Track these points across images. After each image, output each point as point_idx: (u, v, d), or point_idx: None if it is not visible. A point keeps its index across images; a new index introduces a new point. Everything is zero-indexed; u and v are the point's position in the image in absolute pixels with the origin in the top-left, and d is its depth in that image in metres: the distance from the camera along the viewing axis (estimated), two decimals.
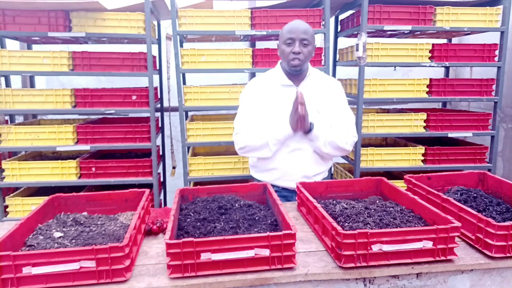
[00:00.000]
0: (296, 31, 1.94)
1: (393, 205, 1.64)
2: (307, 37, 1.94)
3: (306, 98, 1.96)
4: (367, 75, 3.12)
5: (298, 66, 1.97)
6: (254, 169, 2.21)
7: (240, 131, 2.09)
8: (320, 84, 2.11)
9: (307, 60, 1.99)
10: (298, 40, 1.93)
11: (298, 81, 2.06)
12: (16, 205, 3.00)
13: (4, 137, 2.98)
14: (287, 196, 2.12)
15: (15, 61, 2.93)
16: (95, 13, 2.92)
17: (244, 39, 3.75)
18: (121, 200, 1.75)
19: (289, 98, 2.00)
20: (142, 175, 3.12)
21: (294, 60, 1.95)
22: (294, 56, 1.94)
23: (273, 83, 2.09)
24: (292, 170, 2.06)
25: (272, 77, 2.12)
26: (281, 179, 2.09)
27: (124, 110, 3.11)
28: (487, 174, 1.92)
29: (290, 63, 1.97)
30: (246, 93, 2.14)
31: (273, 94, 2.07)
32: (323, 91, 2.09)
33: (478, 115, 3.28)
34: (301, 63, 1.96)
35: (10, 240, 1.30)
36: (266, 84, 2.11)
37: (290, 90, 2.04)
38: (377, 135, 3.30)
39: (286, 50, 1.96)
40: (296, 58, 1.94)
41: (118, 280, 1.23)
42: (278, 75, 2.09)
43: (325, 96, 2.09)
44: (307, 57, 1.98)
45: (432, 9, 3.10)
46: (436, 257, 1.32)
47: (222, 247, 1.25)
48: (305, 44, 1.95)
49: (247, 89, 2.15)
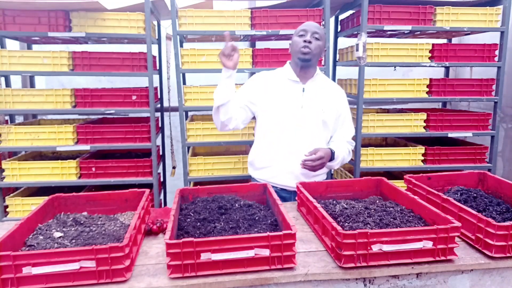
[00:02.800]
0: (309, 25, 2.06)
1: (393, 205, 1.64)
2: (319, 33, 2.04)
3: (312, 96, 2.08)
4: (367, 75, 3.12)
5: (307, 54, 2.01)
6: (251, 167, 2.22)
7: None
8: (326, 86, 2.18)
9: (316, 53, 2.04)
10: (310, 33, 2.02)
11: (305, 79, 2.11)
12: (16, 205, 3.00)
13: (4, 137, 2.98)
14: (285, 197, 2.11)
15: (15, 61, 2.93)
16: (95, 13, 2.92)
17: (244, 39, 3.75)
18: (121, 200, 1.75)
19: (294, 94, 2.09)
20: (142, 175, 3.12)
21: (304, 48, 2.00)
22: (305, 44, 2.00)
23: (280, 78, 2.15)
24: (289, 168, 2.07)
25: (280, 72, 2.18)
26: (277, 177, 2.10)
27: (124, 110, 3.10)
28: (487, 174, 1.92)
29: (301, 50, 2.01)
30: (249, 81, 2.19)
31: (279, 87, 2.12)
32: (329, 92, 2.16)
33: (478, 115, 3.28)
34: (311, 52, 2.01)
35: (10, 240, 1.30)
36: (272, 78, 2.16)
37: (297, 86, 2.10)
38: (377, 135, 3.30)
39: (298, 40, 2.03)
40: (307, 46, 2.00)
41: (118, 280, 1.23)
42: (286, 71, 2.14)
43: (330, 98, 2.14)
44: (316, 50, 2.03)
45: (432, 9, 3.10)
46: (436, 257, 1.32)
47: (222, 247, 1.25)
48: (316, 38, 2.03)
49: (252, 78, 2.19)
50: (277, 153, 2.08)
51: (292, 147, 2.06)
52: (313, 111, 2.08)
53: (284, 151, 2.07)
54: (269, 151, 2.11)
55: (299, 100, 2.08)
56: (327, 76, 3.08)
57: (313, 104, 2.08)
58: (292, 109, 2.07)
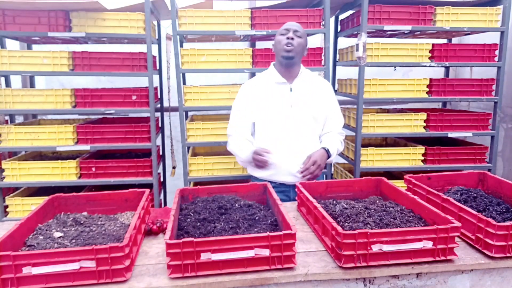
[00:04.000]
0: (291, 25, 2.14)
1: (393, 205, 1.64)
2: (300, 31, 2.12)
3: (300, 94, 2.18)
4: (367, 75, 3.12)
5: (290, 52, 2.07)
6: (250, 164, 2.24)
7: (229, 133, 2.30)
8: (312, 82, 2.24)
9: (299, 51, 2.11)
10: (292, 31, 2.10)
11: (291, 78, 2.18)
12: (16, 205, 3.00)
13: (4, 137, 2.98)
14: (285, 191, 2.16)
15: (15, 61, 2.93)
16: (95, 13, 2.92)
17: (244, 39, 3.74)
18: (121, 200, 1.75)
19: (282, 95, 2.16)
20: (142, 175, 3.12)
21: (287, 45, 2.07)
22: (288, 41, 2.07)
23: (266, 82, 2.22)
24: (287, 166, 2.14)
25: (265, 76, 2.25)
26: (276, 175, 2.16)
27: (124, 110, 3.10)
28: (487, 174, 1.92)
29: (284, 48, 2.08)
30: (239, 95, 2.28)
31: (267, 92, 2.19)
32: (316, 88, 2.23)
33: (478, 115, 3.28)
34: (293, 49, 2.07)
35: (10, 240, 1.31)
36: (259, 84, 2.23)
37: (284, 87, 2.17)
38: (377, 135, 3.30)
39: (281, 38, 2.10)
40: (290, 43, 2.07)
41: (118, 280, 1.23)
42: (271, 74, 2.21)
43: (318, 93, 2.22)
44: (299, 48, 2.10)
45: (432, 9, 3.10)
46: (436, 257, 1.32)
47: (222, 247, 1.25)
48: (298, 35, 2.10)
49: (240, 91, 2.29)
50: (273, 153, 2.13)
51: (286, 146, 2.15)
52: (302, 108, 2.17)
53: (279, 150, 2.14)
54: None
55: (288, 100, 2.16)
56: (327, 76, 3.09)
57: (302, 102, 2.17)
58: (283, 109, 2.15)
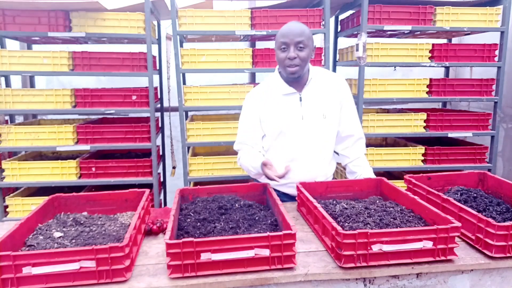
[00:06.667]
0: (289, 35, 1.80)
1: (393, 205, 1.64)
2: (303, 39, 1.79)
3: (311, 104, 1.93)
4: (367, 75, 3.12)
5: (295, 73, 1.84)
6: None
7: (239, 147, 2.08)
8: (324, 87, 1.98)
9: (305, 64, 1.85)
10: (293, 45, 1.79)
11: (300, 87, 1.94)
12: (16, 205, 3.00)
13: (4, 137, 2.98)
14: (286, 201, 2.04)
15: (15, 61, 2.93)
16: (95, 13, 2.92)
17: (244, 39, 3.74)
18: (121, 200, 1.75)
19: (293, 105, 1.95)
20: (142, 175, 3.12)
21: (290, 67, 1.82)
22: (290, 62, 1.81)
23: (274, 93, 1.97)
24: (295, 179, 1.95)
25: (272, 85, 2.00)
26: (284, 187, 2.03)
27: (124, 110, 3.11)
28: (487, 174, 1.92)
29: (286, 69, 1.84)
30: (246, 105, 2.04)
31: (276, 102, 1.96)
32: (329, 94, 1.98)
33: (478, 115, 3.28)
34: (299, 68, 1.83)
35: (10, 240, 1.30)
36: (267, 95, 1.99)
37: (293, 97, 1.95)
38: (377, 135, 3.30)
39: (281, 56, 1.83)
40: (292, 64, 1.81)
41: (118, 280, 1.23)
42: (278, 83, 1.97)
43: (331, 100, 1.98)
44: (304, 61, 1.83)
45: (432, 9, 3.10)
46: (436, 257, 1.32)
47: (222, 247, 1.25)
48: (300, 47, 1.80)
49: (248, 100, 2.04)
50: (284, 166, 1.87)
51: (297, 159, 1.97)
52: (314, 120, 1.95)
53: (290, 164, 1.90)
54: (275, 166, 1.91)
55: (299, 111, 1.94)
56: None
57: (313, 112, 1.95)
58: (293, 122, 1.94)
